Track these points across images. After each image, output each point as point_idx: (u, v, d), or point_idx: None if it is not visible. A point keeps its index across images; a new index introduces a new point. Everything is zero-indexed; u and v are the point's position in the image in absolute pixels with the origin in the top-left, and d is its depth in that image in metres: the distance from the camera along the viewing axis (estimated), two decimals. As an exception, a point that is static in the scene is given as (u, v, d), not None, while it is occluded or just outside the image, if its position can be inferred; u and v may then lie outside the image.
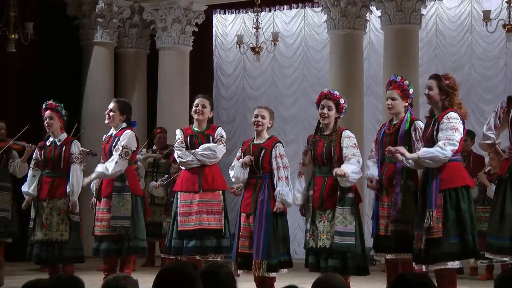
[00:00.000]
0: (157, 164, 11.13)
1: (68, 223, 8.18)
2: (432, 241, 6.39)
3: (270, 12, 13.90)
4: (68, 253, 8.17)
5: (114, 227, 7.87)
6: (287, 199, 7.24)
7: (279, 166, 7.27)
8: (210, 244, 7.61)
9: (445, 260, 6.40)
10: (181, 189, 7.77)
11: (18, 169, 9.91)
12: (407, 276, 3.37)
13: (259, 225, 7.16)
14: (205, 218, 7.62)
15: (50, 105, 8.30)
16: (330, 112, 7.09)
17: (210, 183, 7.68)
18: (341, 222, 6.89)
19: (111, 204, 7.89)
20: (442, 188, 6.42)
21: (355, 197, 7.02)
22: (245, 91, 14.26)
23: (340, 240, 6.86)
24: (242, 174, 7.33)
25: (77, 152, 8.25)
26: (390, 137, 6.96)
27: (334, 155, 6.99)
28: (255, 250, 7.15)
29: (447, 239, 6.37)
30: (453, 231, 6.39)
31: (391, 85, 7.05)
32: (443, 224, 6.37)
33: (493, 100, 12.13)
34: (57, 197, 8.19)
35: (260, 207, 7.19)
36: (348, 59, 11.82)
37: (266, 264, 7.13)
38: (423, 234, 6.41)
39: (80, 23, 13.10)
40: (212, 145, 7.73)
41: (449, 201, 6.43)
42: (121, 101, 8.40)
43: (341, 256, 6.87)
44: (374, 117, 12.58)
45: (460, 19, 12.57)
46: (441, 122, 6.49)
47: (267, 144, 7.36)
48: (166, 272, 3.42)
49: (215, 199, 7.70)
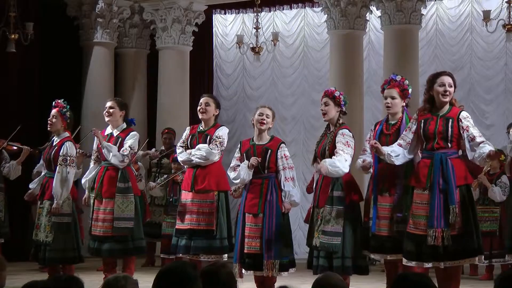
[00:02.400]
0: (161, 165, 11.14)
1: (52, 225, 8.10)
2: (455, 238, 6.36)
3: (270, 12, 13.90)
4: (52, 254, 8.04)
5: (118, 228, 7.87)
6: (296, 200, 7.30)
7: (285, 167, 7.28)
8: (200, 245, 7.61)
9: (466, 257, 6.42)
10: (182, 187, 7.96)
11: (13, 171, 9.85)
12: (407, 276, 3.38)
13: (269, 226, 7.17)
14: (195, 219, 7.64)
15: (57, 104, 8.29)
16: (327, 108, 7.13)
17: (201, 184, 7.68)
18: (328, 221, 6.89)
19: (115, 205, 7.89)
20: (458, 184, 6.44)
21: (347, 196, 6.97)
22: (245, 91, 14.26)
23: (326, 239, 6.86)
24: (248, 175, 7.31)
25: (67, 154, 8.04)
26: (390, 137, 6.90)
27: (327, 152, 7.00)
28: (266, 251, 7.14)
29: (468, 235, 6.38)
30: (472, 227, 6.41)
31: (390, 83, 7.03)
32: (463, 220, 6.37)
33: (493, 100, 12.14)
34: (46, 198, 8.13)
35: (270, 208, 7.20)
36: (348, 59, 11.82)
37: (278, 264, 7.14)
38: (444, 230, 6.37)
39: (80, 23, 13.10)
40: (202, 146, 7.72)
41: (465, 197, 6.46)
42: (117, 98, 8.46)
43: (327, 256, 6.87)
44: (374, 117, 12.57)
45: (460, 19, 12.56)
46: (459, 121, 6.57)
47: (271, 145, 7.37)
48: (166, 272, 3.42)
49: (207, 199, 7.68)
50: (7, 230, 10.00)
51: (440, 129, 6.50)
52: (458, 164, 6.50)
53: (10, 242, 10.07)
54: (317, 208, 7.05)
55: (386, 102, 7.03)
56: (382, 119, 7.26)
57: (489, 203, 9.30)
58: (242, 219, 7.37)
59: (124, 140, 8.05)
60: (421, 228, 6.47)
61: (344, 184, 6.97)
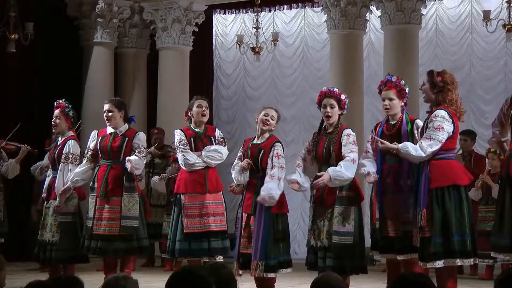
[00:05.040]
0: (153, 165, 11.12)
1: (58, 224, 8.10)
2: (423, 240, 6.41)
3: (270, 12, 13.90)
4: (58, 254, 8.06)
5: (125, 226, 7.85)
6: (274, 196, 7.05)
7: (274, 165, 7.16)
8: (217, 246, 7.63)
9: (431, 260, 6.39)
10: (185, 191, 7.70)
11: (11, 170, 9.85)
12: (407, 276, 3.38)
13: (258, 226, 7.13)
14: (212, 220, 7.63)
15: (59, 105, 8.29)
16: (333, 110, 7.05)
17: (215, 185, 7.72)
18: (339, 222, 6.86)
19: (122, 204, 7.87)
20: (430, 187, 6.41)
21: (355, 196, 6.98)
22: (245, 91, 14.26)
23: (338, 240, 6.83)
24: (242, 177, 7.29)
25: (69, 152, 8.08)
26: (391, 138, 6.87)
27: (333, 153, 6.97)
28: (253, 251, 7.13)
29: (434, 238, 6.38)
30: (438, 231, 6.38)
31: (386, 85, 7.01)
32: (431, 224, 6.38)
33: (493, 100, 12.13)
34: (53, 198, 8.14)
35: (260, 208, 7.14)
36: (348, 59, 11.82)
37: (263, 265, 7.09)
38: (418, 232, 6.43)
39: (80, 23, 13.11)
40: (219, 147, 7.75)
41: (435, 200, 6.41)
42: (114, 99, 8.35)
43: (339, 256, 6.86)
44: (374, 117, 12.57)
45: (460, 19, 12.56)
46: (429, 120, 6.50)
47: (265, 144, 7.29)
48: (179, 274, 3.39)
49: (218, 200, 7.73)
50: (7, 229, 10.01)
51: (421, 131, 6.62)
52: (437, 166, 6.45)
53: (10, 242, 10.07)
54: (321, 209, 7.01)
55: (384, 104, 7.01)
56: (383, 120, 7.25)
57: (493, 203, 9.28)
58: (241, 218, 7.38)
59: (132, 140, 7.99)
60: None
61: (352, 184, 6.97)
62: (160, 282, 7.22)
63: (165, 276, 4.88)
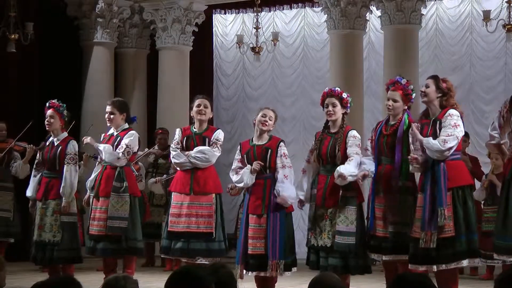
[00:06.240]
0: (157, 165, 11.11)
1: (60, 224, 8.12)
2: (444, 240, 6.39)
3: (270, 12, 13.90)
4: (61, 254, 8.07)
5: (111, 227, 7.85)
6: (294, 196, 7.20)
7: (284, 165, 7.24)
8: (198, 247, 7.55)
9: (457, 260, 6.42)
10: (174, 189, 7.74)
11: (20, 170, 9.89)
12: (407, 276, 3.37)
13: (274, 226, 7.14)
14: (194, 221, 7.55)
15: (52, 104, 8.28)
16: (335, 109, 7.12)
17: (201, 186, 7.62)
18: (342, 222, 6.90)
19: (109, 204, 7.88)
20: (449, 186, 6.44)
21: (357, 196, 7.02)
22: (245, 91, 14.26)
23: (341, 239, 6.86)
24: (250, 180, 7.26)
25: (73, 153, 8.13)
26: (388, 138, 6.95)
27: (338, 153, 7.00)
28: (271, 251, 7.12)
29: (459, 237, 6.39)
30: (463, 230, 6.41)
31: (394, 85, 7.05)
32: (454, 223, 6.38)
33: (493, 100, 12.13)
34: (51, 198, 8.14)
35: (274, 208, 7.16)
36: (348, 59, 11.82)
37: (283, 263, 7.13)
38: (433, 233, 6.39)
39: (80, 23, 13.11)
40: (206, 149, 7.65)
41: (457, 199, 6.45)
42: (117, 100, 8.36)
43: (342, 256, 6.87)
44: (374, 117, 12.56)
45: (460, 19, 12.56)
46: (444, 120, 6.52)
47: (271, 144, 7.33)
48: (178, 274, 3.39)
49: (206, 202, 7.62)
50: (17, 230, 10.02)
51: (432, 132, 6.60)
52: (452, 166, 6.50)
53: (17, 242, 10.07)
54: (322, 208, 7.03)
55: (387, 104, 7.05)
56: (384, 119, 7.28)
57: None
58: (246, 220, 7.33)
59: (122, 139, 8.03)
60: (417, 231, 6.54)
61: (353, 184, 7.00)
62: (160, 282, 7.21)
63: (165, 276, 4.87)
